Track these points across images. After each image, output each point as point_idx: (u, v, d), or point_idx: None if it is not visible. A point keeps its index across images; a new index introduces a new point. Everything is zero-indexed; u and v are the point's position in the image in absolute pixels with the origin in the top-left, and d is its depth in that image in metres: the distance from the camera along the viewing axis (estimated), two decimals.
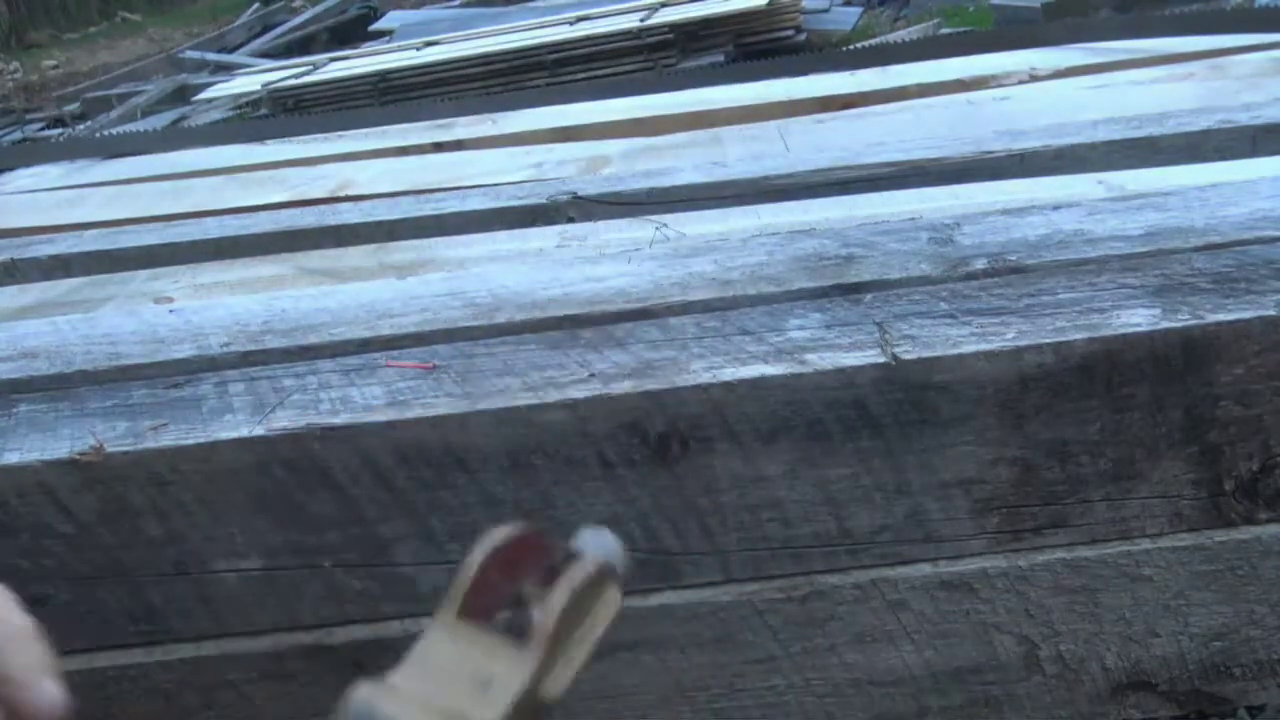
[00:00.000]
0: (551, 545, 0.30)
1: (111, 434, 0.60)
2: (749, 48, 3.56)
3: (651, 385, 0.58)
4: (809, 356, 0.59)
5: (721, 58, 3.47)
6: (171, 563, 0.61)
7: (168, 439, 0.59)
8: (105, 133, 3.01)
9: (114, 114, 4.42)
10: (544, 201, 1.00)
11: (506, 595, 0.29)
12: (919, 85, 1.43)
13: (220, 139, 1.91)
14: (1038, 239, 0.71)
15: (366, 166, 1.39)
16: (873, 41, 3.24)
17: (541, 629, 0.28)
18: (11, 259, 1.06)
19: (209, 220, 1.15)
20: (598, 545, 0.30)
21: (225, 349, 0.70)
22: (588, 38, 3.51)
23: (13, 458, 0.59)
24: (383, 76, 3.60)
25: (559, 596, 0.28)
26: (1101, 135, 0.97)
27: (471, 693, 0.27)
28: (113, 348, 0.72)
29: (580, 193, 1.00)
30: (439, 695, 0.27)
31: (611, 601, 0.30)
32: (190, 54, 5.63)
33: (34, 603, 0.40)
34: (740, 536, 0.61)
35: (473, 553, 0.29)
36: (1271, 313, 0.57)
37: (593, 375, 0.60)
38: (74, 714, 0.35)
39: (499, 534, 0.29)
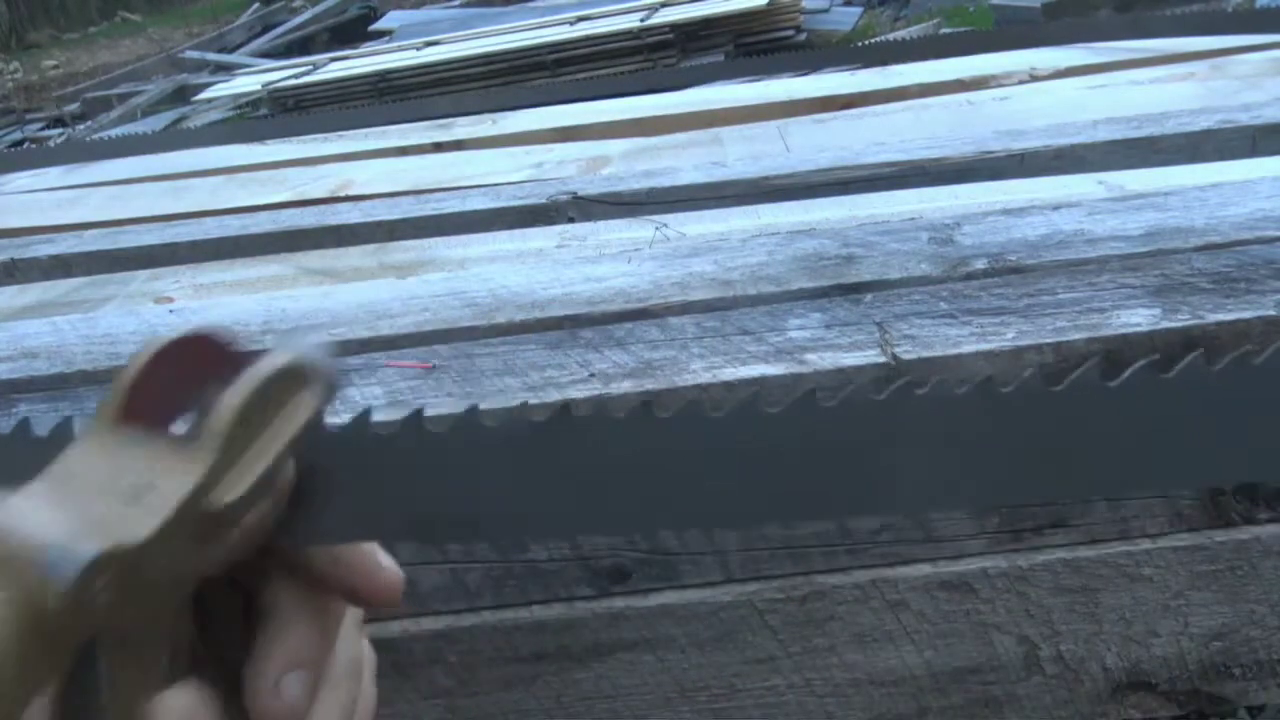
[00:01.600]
0: (239, 348, 0.26)
1: None
2: (749, 48, 3.56)
3: (651, 385, 0.58)
4: (809, 356, 0.59)
5: (721, 57, 3.47)
6: None
7: None
8: (104, 135, 3.01)
9: (114, 114, 4.42)
10: (544, 201, 1.00)
11: (181, 400, 0.25)
12: (919, 85, 1.43)
13: (220, 139, 1.91)
14: (1038, 239, 0.71)
15: (366, 166, 1.39)
16: (873, 41, 3.24)
17: (212, 427, 0.24)
18: (11, 259, 1.06)
19: (209, 220, 1.15)
20: (296, 344, 0.26)
21: None
22: (588, 38, 3.51)
23: None
24: (383, 76, 3.61)
25: (236, 390, 0.24)
26: (1101, 135, 0.97)
27: (124, 502, 0.23)
28: (113, 348, 0.72)
29: (580, 193, 1.00)
30: (81, 505, 0.22)
31: (304, 405, 0.25)
32: (190, 54, 5.63)
33: None
34: (740, 536, 0.61)
35: (133, 355, 0.25)
36: (1271, 313, 0.57)
37: (593, 375, 0.60)
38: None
39: (175, 334, 0.25)
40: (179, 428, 0.25)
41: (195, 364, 0.25)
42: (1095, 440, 0.26)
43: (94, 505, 0.22)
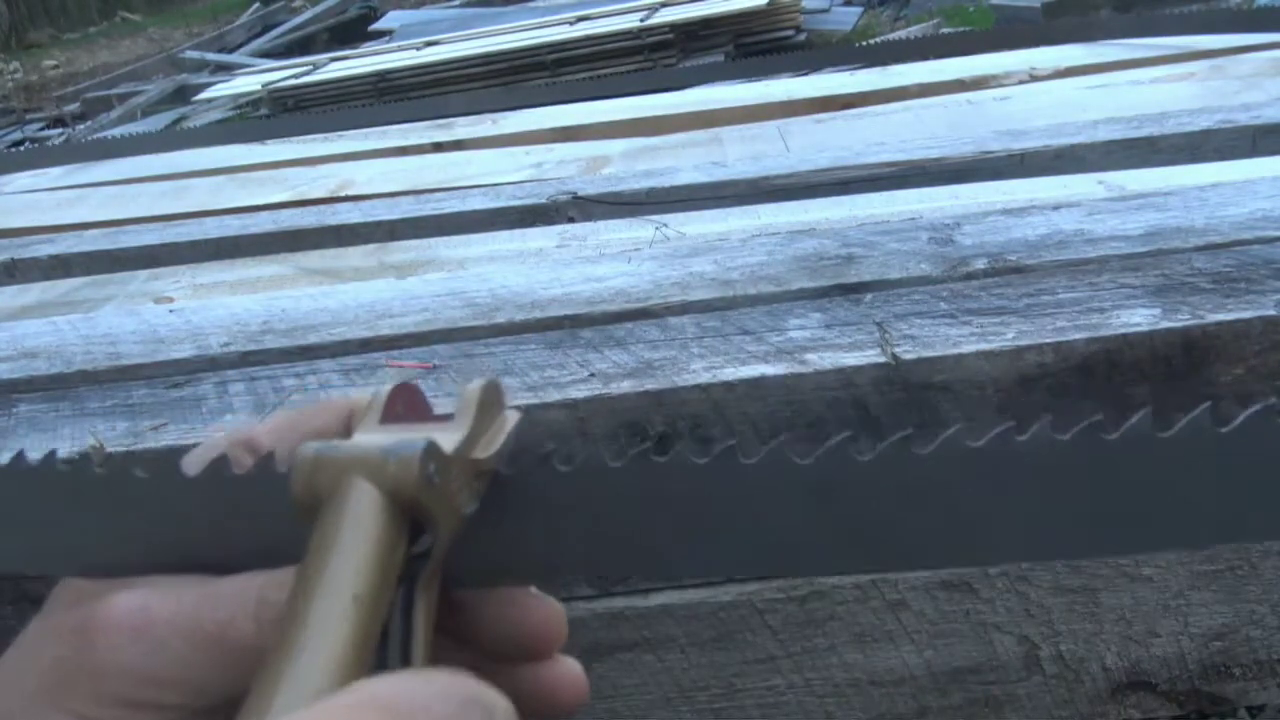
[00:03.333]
0: (428, 401, 0.33)
1: (111, 434, 0.60)
2: (749, 48, 3.57)
3: (651, 385, 0.58)
4: (809, 356, 0.59)
5: (721, 57, 3.47)
6: None
7: (168, 439, 0.59)
8: (104, 135, 3.02)
9: (114, 114, 4.42)
10: (544, 201, 1.00)
11: (412, 420, 0.32)
12: (919, 85, 1.43)
13: (220, 139, 1.91)
14: (1038, 239, 0.71)
15: (366, 166, 1.39)
16: (873, 41, 3.24)
17: (467, 400, 0.30)
18: (11, 259, 1.06)
19: (209, 220, 1.15)
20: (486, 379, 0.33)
21: (225, 349, 0.70)
22: (588, 38, 3.51)
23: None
24: (383, 76, 3.61)
25: (473, 385, 0.31)
26: (1101, 135, 0.97)
27: (421, 436, 0.29)
28: (113, 348, 0.72)
29: (580, 193, 1.00)
30: (391, 438, 0.29)
31: (512, 416, 0.32)
32: (190, 54, 5.63)
33: (33, 604, 0.40)
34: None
35: (380, 387, 0.31)
36: (1271, 313, 0.57)
37: (593, 375, 0.60)
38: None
39: (393, 384, 0.32)
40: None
41: (410, 402, 0.32)
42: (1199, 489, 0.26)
43: (401, 437, 0.28)
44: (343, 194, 1.23)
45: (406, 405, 0.32)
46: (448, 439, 0.29)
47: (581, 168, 1.22)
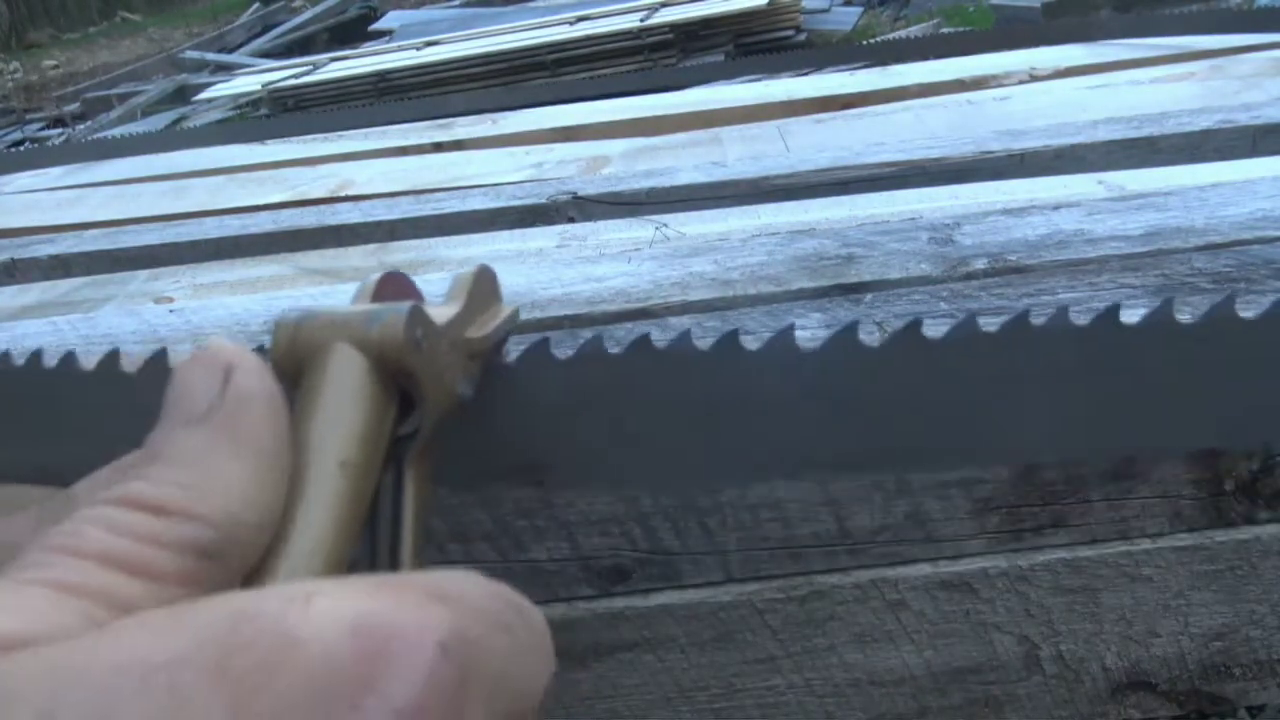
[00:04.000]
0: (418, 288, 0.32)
1: None
2: (749, 48, 3.57)
3: None
4: None
5: (721, 57, 3.47)
6: None
7: None
8: (104, 135, 3.01)
9: (114, 114, 4.42)
10: (544, 201, 1.00)
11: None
12: (919, 85, 1.43)
13: (220, 139, 1.91)
14: (1038, 239, 0.71)
15: (366, 166, 1.39)
16: (873, 41, 3.23)
17: (461, 280, 0.29)
18: (11, 259, 1.06)
19: (209, 220, 1.15)
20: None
21: None
22: (588, 38, 3.51)
23: None
24: (383, 76, 3.61)
25: (464, 274, 0.30)
26: (1101, 135, 0.97)
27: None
28: (112, 348, 0.72)
29: (580, 193, 1.00)
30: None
31: (506, 309, 0.31)
32: (190, 54, 5.63)
33: None
34: (740, 536, 0.61)
35: (366, 278, 0.30)
36: None
37: None
38: None
39: (382, 270, 0.31)
40: None
41: (401, 291, 0.30)
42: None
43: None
44: (343, 194, 1.23)
45: (396, 292, 0.30)
46: (438, 314, 0.28)
47: (581, 168, 1.22)
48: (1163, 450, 0.34)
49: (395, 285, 0.30)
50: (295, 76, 3.75)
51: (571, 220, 0.98)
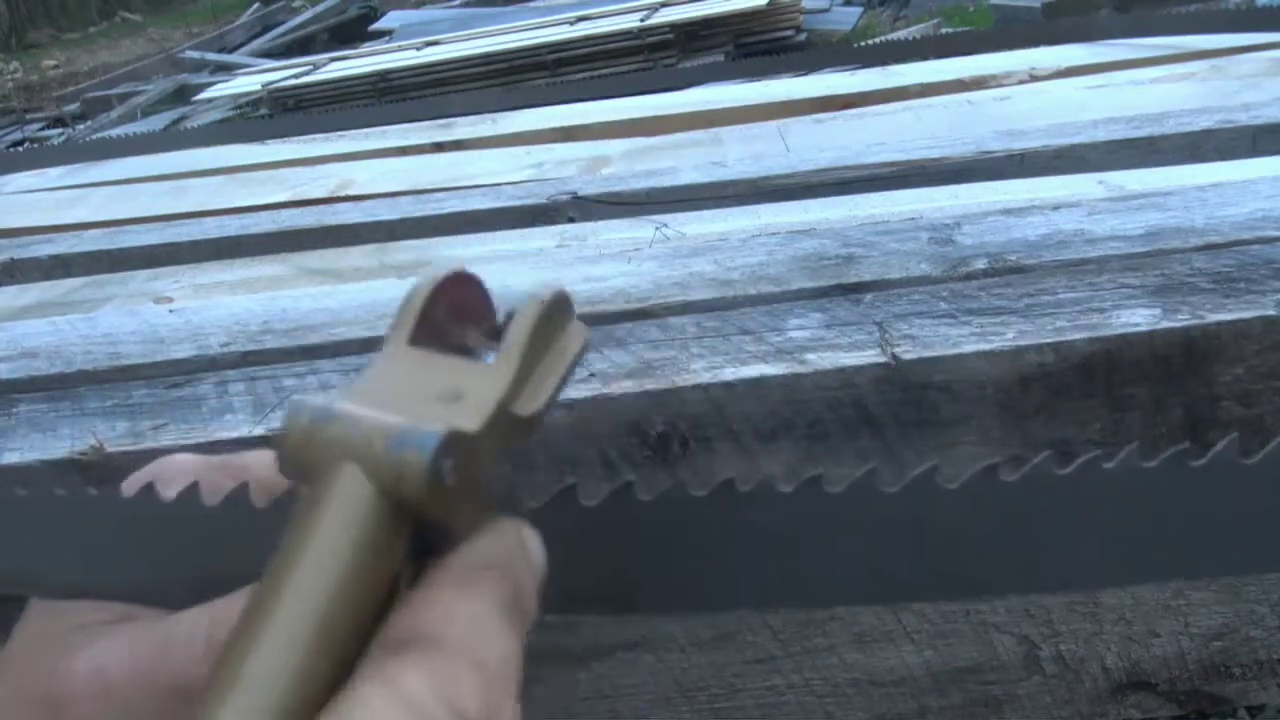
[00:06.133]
0: (490, 295, 0.27)
1: (111, 434, 0.60)
2: (749, 48, 3.57)
3: (651, 385, 0.58)
4: (809, 356, 0.59)
5: (721, 57, 3.47)
6: None
7: (168, 439, 0.59)
8: (104, 135, 3.01)
9: (114, 114, 4.42)
10: (544, 201, 1.00)
11: (454, 334, 0.26)
12: (919, 85, 1.43)
13: (220, 139, 1.91)
14: (1038, 239, 0.71)
15: (366, 166, 1.39)
16: (873, 41, 3.24)
17: (514, 337, 0.25)
18: (11, 259, 1.06)
19: (209, 220, 1.15)
20: (554, 287, 0.27)
21: (225, 349, 0.70)
22: (588, 38, 3.51)
23: (12, 458, 0.59)
24: (383, 76, 3.61)
25: (529, 309, 0.25)
26: (1101, 135, 0.97)
27: (444, 404, 0.24)
28: (113, 348, 0.72)
29: (580, 193, 1.00)
30: (405, 406, 0.23)
31: (577, 333, 0.27)
32: (190, 54, 5.63)
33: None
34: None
35: (418, 284, 0.26)
36: (1271, 313, 0.57)
37: (592, 375, 0.60)
38: None
39: (440, 272, 0.26)
40: (457, 345, 0.26)
41: (461, 300, 0.26)
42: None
43: (417, 407, 0.23)
44: (343, 194, 1.23)
45: (450, 308, 0.26)
46: (482, 393, 0.23)
47: (582, 168, 1.22)
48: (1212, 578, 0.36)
49: (456, 298, 0.26)
50: (295, 76, 3.75)
51: (572, 220, 0.98)
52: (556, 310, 0.26)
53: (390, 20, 5.03)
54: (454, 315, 0.26)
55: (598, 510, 0.26)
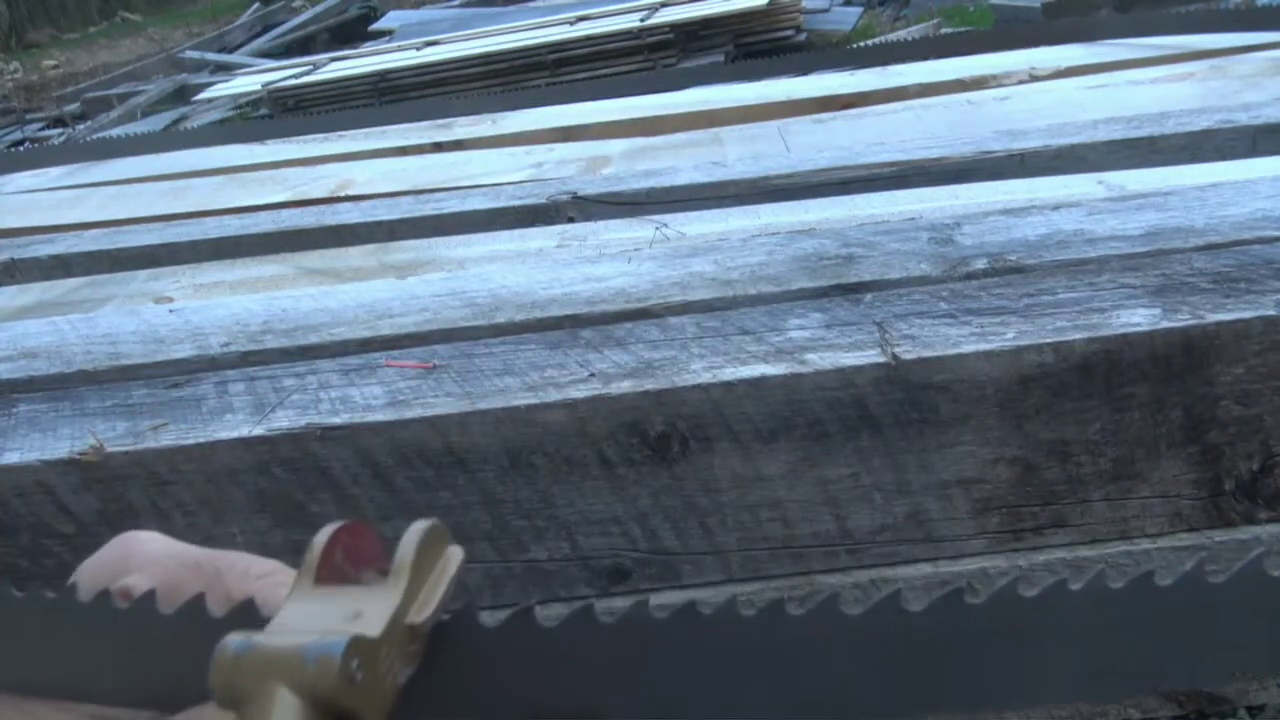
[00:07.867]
0: (380, 541, 0.32)
1: (111, 434, 0.60)
2: (749, 48, 3.57)
3: (651, 385, 0.58)
4: (809, 356, 0.59)
5: (721, 58, 3.47)
6: None
7: (168, 439, 0.59)
8: (104, 135, 3.02)
9: (114, 114, 4.42)
10: (544, 201, 1.00)
11: (350, 572, 0.32)
12: (919, 85, 1.43)
13: (220, 139, 1.91)
14: (1038, 239, 0.71)
15: (366, 166, 1.39)
16: (873, 41, 3.23)
17: (402, 560, 0.30)
18: (11, 259, 1.06)
19: (209, 220, 1.15)
20: (427, 521, 0.33)
21: (225, 349, 0.70)
22: (588, 38, 3.51)
23: (13, 458, 0.59)
24: (383, 76, 3.61)
25: (411, 536, 0.30)
26: (1101, 135, 0.97)
27: (346, 622, 0.28)
28: (113, 348, 0.72)
29: (580, 193, 1.00)
30: (315, 628, 0.28)
31: (455, 555, 0.32)
32: (190, 54, 5.63)
33: None
34: (740, 536, 0.61)
35: (319, 534, 0.31)
36: (1271, 313, 0.57)
37: (593, 375, 0.60)
38: None
39: (336, 523, 0.32)
40: (353, 580, 0.32)
41: (357, 545, 0.31)
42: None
43: (326, 627, 0.28)
44: (343, 194, 1.23)
45: (347, 553, 0.31)
46: (378, 610, 0.28)
47: (581, 168, 1.22)
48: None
49: (346, 543, 0.31)
50: (295, 76, 3.75)
51: (571, 220, 0.98)
52: (434, 537, 0.31)
53: (390, 20, 5.03)
54: (350, 558, 0.31)
55: (558, 630, 0.29)
